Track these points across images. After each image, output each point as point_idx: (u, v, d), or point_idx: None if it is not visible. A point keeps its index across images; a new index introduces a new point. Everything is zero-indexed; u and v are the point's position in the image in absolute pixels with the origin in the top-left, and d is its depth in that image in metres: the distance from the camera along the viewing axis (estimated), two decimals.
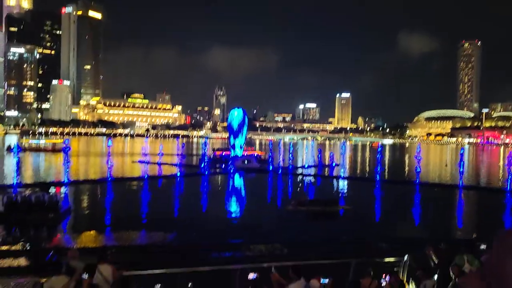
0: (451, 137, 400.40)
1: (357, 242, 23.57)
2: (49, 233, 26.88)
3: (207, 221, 30.48)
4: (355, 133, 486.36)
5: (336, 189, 51.15)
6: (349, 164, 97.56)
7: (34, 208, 28.30)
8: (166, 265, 15.63)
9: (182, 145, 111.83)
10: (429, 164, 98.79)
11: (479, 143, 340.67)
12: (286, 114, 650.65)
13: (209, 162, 70.77)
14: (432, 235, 25.96)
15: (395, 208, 38.97)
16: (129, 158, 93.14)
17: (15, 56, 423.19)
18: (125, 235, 25.34)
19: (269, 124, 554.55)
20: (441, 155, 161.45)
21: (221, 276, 12.07)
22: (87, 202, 39.80)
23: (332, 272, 9.88)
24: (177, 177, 57.89)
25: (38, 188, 41.02)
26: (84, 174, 60.54)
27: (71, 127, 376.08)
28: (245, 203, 41.63)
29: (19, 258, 20.29)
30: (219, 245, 22.41)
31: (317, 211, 33.86)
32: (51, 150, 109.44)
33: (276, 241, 22.93)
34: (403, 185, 56.38)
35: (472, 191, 52.14)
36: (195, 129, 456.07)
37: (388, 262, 12.36)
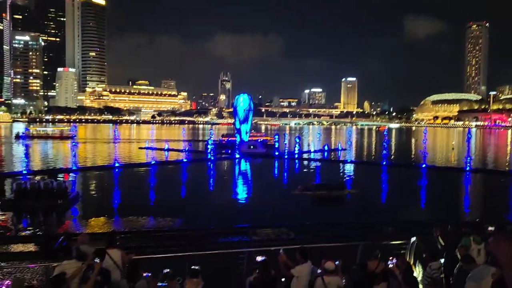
0: (458, 120, 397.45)
1: (363, 226, 23.65)
2: (59, 219, 27.21)
3: (214, 206, 30.67)
4: (361, 117, 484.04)
5: (343, 174, 51.15)
6: (355, 148, 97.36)
7: (43, 195, 28.59)
8: (174, 249, 15.82)
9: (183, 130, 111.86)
10: (435, 148, 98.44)
11: (486, 126, 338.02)
12: (291, 99, 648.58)
13: (215, 148, 70.94)
14: (439, 217, 25.97)
15: (401, 192, 38.97)
16: (136, 145, 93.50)
17: (20, 44, 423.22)
18: (133, 220, 25.60)
19: (275, 109, 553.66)
20: (448, 138, 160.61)
21: (229, 259, 12.20)
22: (95, 189, 40.15)
23: (339, 255, 9.94)
24: (184, 162, 58.16)
25: (46, 175, 41.44)
26: (91, 160, 60.96)
27: (77, 114, 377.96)
28: (252, 188, 41.79)
29: (30, 244, 20.61)
30: (226, 230, 22.58)
31: (323, 195, 33.94)
32: (59, 137, 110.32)
33: (283, 225, 23.07)
34: (409, 169, 56.26)
35: (479, 174, 51.94)
36: (200, 115, 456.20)
37: (394, 245, 12.41)
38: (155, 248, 17.55)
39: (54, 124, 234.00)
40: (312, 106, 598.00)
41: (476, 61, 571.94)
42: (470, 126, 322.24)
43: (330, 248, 13.58)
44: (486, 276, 7.72)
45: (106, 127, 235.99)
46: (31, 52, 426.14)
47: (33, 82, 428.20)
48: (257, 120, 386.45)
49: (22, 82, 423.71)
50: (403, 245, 12.10)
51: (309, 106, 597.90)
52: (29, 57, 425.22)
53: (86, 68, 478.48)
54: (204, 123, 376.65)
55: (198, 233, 21.98)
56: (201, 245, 17.97)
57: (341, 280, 8.73)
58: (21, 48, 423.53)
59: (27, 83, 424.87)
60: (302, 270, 8.78)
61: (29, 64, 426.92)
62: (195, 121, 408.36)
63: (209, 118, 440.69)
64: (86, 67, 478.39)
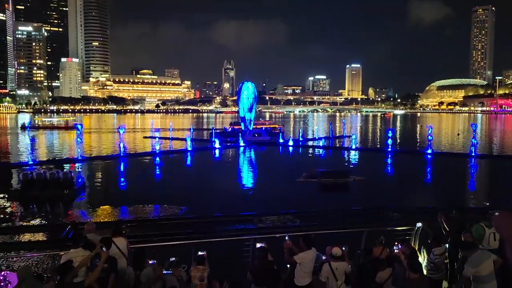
0: (463, 106, 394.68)
1: (368, 212, 23.68)
2: (65, 208, 27.41)
3: (219, 194, 30.79)
4: (366, 104, 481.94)
5: (347, 161, 51.09)
6: (360, 135, 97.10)
7: (49, 185, 28.80)
8: (180, 237, 15.93)
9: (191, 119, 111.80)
10: (441, 134, 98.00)
11: (492, 111, 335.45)
12: (296, 87, 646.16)
13: (220, 136, 70.98)
14: (444, 203, 25.94)
15: (407, 178, 38.90)
16: (140, 134, 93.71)
17: (23, 35, 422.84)
18: (139, 209, 25.76)
19: (279, 97, 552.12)
20: (453, 124, 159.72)
21: (234, 247, 12.26)
22: (101, 178, 40.35)
23: (345, 241, 9.97)
24: (189, 151, 58.28)
25: (52, 165, 41.68)
26: (96, 150, 61.20)
27: (82, 104, 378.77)
28: (256, 175, 41.86)
29: (37, 233, 20.82)
30: (232, 217, 22.68)
31: (328, 182, 33.96)
32: (64, 127, 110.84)
33: (288, 212, 23.14)
34: (415, 155, 56.12)
35: (484, 159, 51.72)
36: (204, 103, 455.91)
37: (400, 231, 12.43)
38: (161, 236, 17.67)
39: (59, 114, 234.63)
40: (317, 93, 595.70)
41: (482, 45, 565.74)
42: (476, 112, 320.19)
43: (335, 235, 13.63)
44: (485, 261, 7.75)
45: (110, 117, 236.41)
46: (34, 42, 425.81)
47: (37, 73, 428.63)
48: (261, 108, 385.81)
49: (26, 73, 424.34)
50: (408, 231, 12.11)
51: (313, 93, 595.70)
52: (33, 47, 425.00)
53: (89, 58, 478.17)
54: (208, 112, 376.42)
55: (204, 221, 22.09)
56: (206, 233, 18.08)
57: (347, 266, 8.78)
58: (24, 38, 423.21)
59: (31, 74, 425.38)
60: (305, 257, 8.82)
61: (32, 55, 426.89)
62: (199, 110, 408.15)
63: (213, 107, 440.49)
64: (89, 57, 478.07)
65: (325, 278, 8.54)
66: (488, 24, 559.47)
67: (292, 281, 8.94)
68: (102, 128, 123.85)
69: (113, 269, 8.21)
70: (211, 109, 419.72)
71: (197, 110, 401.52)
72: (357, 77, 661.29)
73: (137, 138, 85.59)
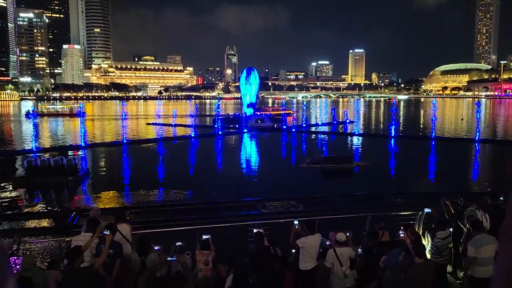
0: (467, 91, 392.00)
1: (372, 197, 23.72)
2: (70, 195, 27.59)
3: (222, 180, 30.89)
4: (369, 89, 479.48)
5: (351, 146, 51.04)
6: (363, 120, 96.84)
7: (53, 172, 28.93)
8: (184, 223, 16.01)
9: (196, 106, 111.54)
10: (445, 119, 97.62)
11: (497, 96, 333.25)
12: (298, 72, 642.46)
13: (223, 122, 71.03)
14: (448, 188, 25.94)
15: (410, 164, 38.88)
16: (143, 121, 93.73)
17: (25, 21, 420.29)
18: (144, 195, 25.89)
19: (282, 82, 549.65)
20: (457, 109, 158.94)
21: (238, 232, 12.31)
22: (104, 165, 40.52)
23: (349, 227, 10.00)
24: (192, 137, 58.32)
25: (56, 152, 41.83)
26: (100, 137, 61.32)
27: (84, 91, 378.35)
28: (260, 161, 41.92)
29: (43, 220, 20.98)
30: (235, 203, 22.77)
31: (331, 168, 33.98)
32: (69, 114, 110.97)
33: (292, 198, 23.20)
34: (418, 140, 56.00)
35: (488, 144, 51.58)
36: (207, 90, 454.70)
37: (404, 215, 12.45)
38: (166, 222, 17.77)
39: (62, 101, 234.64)
40: (320, 79, 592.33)
41: (487, 29, 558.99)
42: (480, 97, 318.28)
43: (339, 220, 13.67)
44: (486, 244, 7.93)
45: (113, 103, 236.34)
46: (36, 29, 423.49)
47: (39, 60, 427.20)
48: (264, 94, 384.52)
49: (28, 60, 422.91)
50: (412, 216, 12.14)
51: (316, 79, 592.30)
52: (34, 34, 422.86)
53: (91, 44, 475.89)
54: (211, 98, 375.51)
55: (208, 206, 22.19)
56: (210, 219, 18.17)
57: (352, 251, 8.82)
58: (26, 25, 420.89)
59: (33, 61, 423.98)
60: (307, 242, 8.87)
61: (34, 42, 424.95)
62: (202, 96, 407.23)
63: (216, 93, 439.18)
64: (91, 43, 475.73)
65: (330, 264, 8.59)
66: (493, 8, 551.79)
67: (297, 265, 9.00)
68: (105, 114, 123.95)
69: (118, 254, 8.26)
70: (213, 95, 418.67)
71: (199, 97, 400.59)
72: (360, 62, 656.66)
73: (140, 124, 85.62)
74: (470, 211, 10.30)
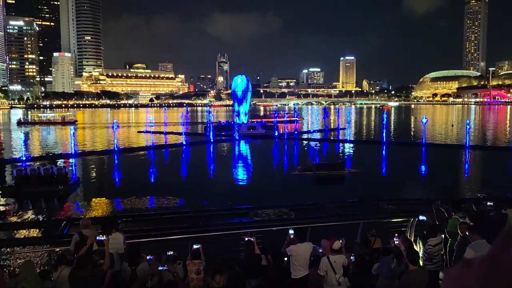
0: (457, 97, 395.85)
1: (364, 204, 23.73)
2: (60, 204, 27.29)
3: (214, 188, 30.77)
4: (360, 96, 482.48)
5: (342, 153, 51.18)
6: (355, 127, 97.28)
7: (43, 181, 28.63)
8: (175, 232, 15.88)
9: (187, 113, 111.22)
10: (435, 125, 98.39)
11: (486, 102, 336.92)
12: (290, 80, 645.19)
13: (215, 130, 70.99)
14: (439, 195, 26.06)
15: (402, 170, 39.05)
16: (135, 129, 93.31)
17: (15, 29, 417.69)
18: (135, 203, 25.69)
19: (273, 90, 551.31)
20: (447, 115, 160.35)
21: (230, 240, 12.25)
22: (95, 173, 40.20)
23: (341, 234, 9.99)
24: (183, 145, 58.12)
25: (47, 161, 41.43)
26: (91, 145, 60.88)
27: (75, 99, 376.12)
28: (252, 169, 41.86)
29: (32, 229, 20.70)
30: (227, 211, 22.66)
31: (323, 175, 34.02)
32: (61, 122, 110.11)
33: (284, 205, 23.14)
34: (409, 147, 56.32)
35: (478, 150, 52.02)
36: (198, 97, 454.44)
37: (396, 222, 12.47)
38: (157, 231, 17.60)
39: (52, 109, 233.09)
40: (311, 86, 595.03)
41: (475, 37, 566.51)
42: (469, 103, 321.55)
43: (331, 227, 13.65)
44: (483, 251, 7.96)
45: (104, 111, 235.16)
46: (26, 37, 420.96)
47: (29, 68, 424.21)
48: (256, 101, 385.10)
49: (18, 68, 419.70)
50: (403, 222, 12.16)
51: (307, 86, 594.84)
52: (24, 42, 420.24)
53: (82, 52, 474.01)
54: (202, 106, 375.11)
55: (199, 214, 22.04)
56: (202, 227, 18.04)
57: (345, 258, 8.81)
58: (16, 33, 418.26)
59: (23, 69, 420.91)
60: (296, 250, 8.85)
61: (24, 50, 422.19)
62: (193, 104, 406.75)
63: (208, 100, 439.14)
64: (82, 51, 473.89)
65: (323, 272, 8.55)
66: (481, 16, 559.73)
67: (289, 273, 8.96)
68: (96, 123, 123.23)
69: (110, 264, 8.18)
70: (205, 102, 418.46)
71: (191, 104, 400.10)
72: (351, 70, 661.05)
73: (131, 132, 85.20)
74: (454, 221, 10.34)
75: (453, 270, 1.17)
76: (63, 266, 8.26)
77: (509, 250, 0.99)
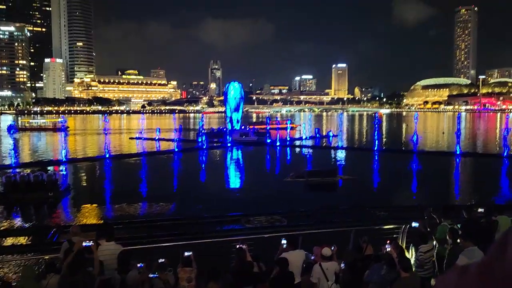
0: (448, 105, 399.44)
1: (356, 211, 23.78)
2: (50, 211, 26.99)
3: (206, 195, 30.64)
4: (352, 103, 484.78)
5: (334, 160, 51.29)
6: (347, 134, 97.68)
7: (33, 187, 28.32)
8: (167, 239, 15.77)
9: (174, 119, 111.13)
10: (426, 132, 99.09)
11: (476, 110, 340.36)
12: (282, 87, 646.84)
13: (207, 137, 70.88)
14: (431, 201, 26.18)
15: (393, 177, 39.20)
16: (126, 135, 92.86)
17: (5, 35, 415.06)
18: (126, 211, 25.49)
19: (266, 97, 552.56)
20: (438, 123, 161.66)
21: (222, 248, 12.18)
22: (86, 180, 39.87)
23: (333, 241, 9.97)
24: (175, 152, 57.92)
25: (37, 167, 41.02)
26: (82, 152, 60.45)
27: (66, 105, 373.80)
28: (244, 176, 41.78)
29: (21, 237, 20.44)
30: (219, 218, 22.57)
31: (315, 182, 34.03)
32: (52, 129, 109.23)
33: (276, 212, 23.11)
34: (401, 154, 56.61)
35: (469, 157, 52.42)
36: (191, 104, 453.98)
37: (388, 229, 12.48)
38: (149, 238, 17.48)
39: (43, 115, 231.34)
40: (303, 93, 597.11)
41: (465, 45, 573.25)
42: (460, 111, 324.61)
43: (323, 234, 13.63)
44: (476, 258, 7.98)
45: (95, 118, 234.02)
46: (17, 43, 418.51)
47: (19, 74, 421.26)
48: (248, 108, 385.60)
49: (9, 73, 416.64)
50: (395, 229, 12.17)
51: (300, 93, 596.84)
52: (15, 48, 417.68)
53: (73, 58, 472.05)
54: (195, 112, 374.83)
55: (191, 222, 21.94)
56: (194, 234, 17.94)
57: (337, 265, 8.78)
58: (6, 39, 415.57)
59: (13, 74, 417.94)
60: (288, 258, 8.81)
61: (15, 55, 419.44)
62: (185, 110, 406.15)
63: (200, 107, 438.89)
64: (73, 57, 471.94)
65: (316, 279, 8.52)
66: (471, 24, 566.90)
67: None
68: (87, 129, 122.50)
69: (99, 272, 8.08)
70: (197, 109, 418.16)
71: (183, 111, 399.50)
72: (343, 77, 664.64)
73: (123, 139, 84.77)
74: (443, 228, 10.36)
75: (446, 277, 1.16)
76: (51, 274, 8.14)
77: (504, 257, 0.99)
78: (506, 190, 33.18)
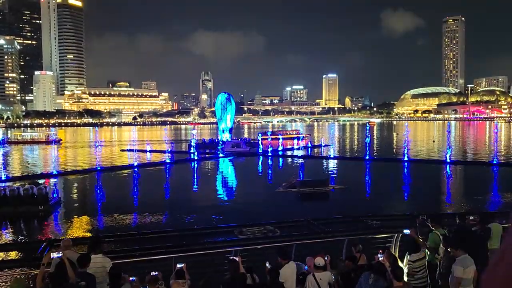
0: (437, 113, 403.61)
1: (349, 221, 23.77)
2: (40, 225, 26.68)
3: (198, 207, 30.50)
4: (343, 113, 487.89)
5: (326, 170, 51.40)
6: (338, 144, 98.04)
7: (23, 201, 28.01)
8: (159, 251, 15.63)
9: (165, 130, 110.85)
10: (417, 141, 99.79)
11: (465, 118, 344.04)
12: (273, 97, 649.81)
13: (198, 148, 70.75)
14: (423, 210, 26.29)
15: (385, 186, 39.35)
16: (118, 147, 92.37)
17: None
18: (117, 223, 25.27)
19: (257, 107, 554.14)
20: (428, 131, 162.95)
21: (214, 259, 12.12)
22: (77, 193, 39.51)
23: (326, 251, 9.96)
24: (167, 163, 57.69)
25: (27, 181, 40.59)
26: (73, 164, 59.96)
27: (56, 118, 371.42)
28: (236, 187, 41.69)
29: (11, 252, 20.14)
30: (212, 229, 22.46)
31: (307, 192, 34.05)
32: (44, 142, 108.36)
33: (268, 223, 23.04)
34: (392, 163, 56.90)
35: (459, 165, 52.84)
36: (182, 115, 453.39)
37: (380, 238, 12.50)
38: (140, 251, 17.30)
39: (33, 128, 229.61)
40: (294, 103, 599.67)
41: (454, 54, 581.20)
42: (449, 119, 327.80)
43: (316, 244, 13.61)
44: (470, 265, 8.05)
45: (86, 130, 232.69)
46: (7, 56, 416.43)
47: (9, 87, 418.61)
48: (240, 119, 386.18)
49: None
50: (388, 238, 12.19)
51: (291, 103, 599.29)
52: (5, 61, 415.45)
53: (64, 71, 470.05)
54: (186, 123, 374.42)
55: (184, 234, 21.78)
56: (186, 246, 17.81)
57: (331, 275, 8.77)
58: None
59: (3, 87, 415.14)
60: (285, 274, 8.80)
61: (5, 68, 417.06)
62: (177, 122, 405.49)
63: (191, 118, 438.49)
64: (64, 70, 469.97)
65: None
66: (459, 34, 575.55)
67: None
68: (78, 141, 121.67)
69: (91, 287, 7.98)
70: (189, 120, 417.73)
71: (175, 122, 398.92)
72: (334, 87, 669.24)
73: (114, 151, 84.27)
74: (434, 236, 10.40)
75: None
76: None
77: None
78: (496, 197, 33.44)
